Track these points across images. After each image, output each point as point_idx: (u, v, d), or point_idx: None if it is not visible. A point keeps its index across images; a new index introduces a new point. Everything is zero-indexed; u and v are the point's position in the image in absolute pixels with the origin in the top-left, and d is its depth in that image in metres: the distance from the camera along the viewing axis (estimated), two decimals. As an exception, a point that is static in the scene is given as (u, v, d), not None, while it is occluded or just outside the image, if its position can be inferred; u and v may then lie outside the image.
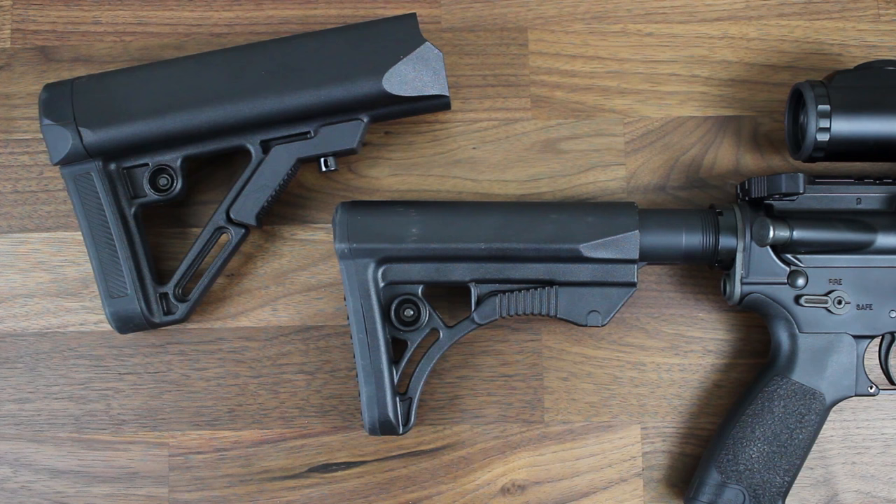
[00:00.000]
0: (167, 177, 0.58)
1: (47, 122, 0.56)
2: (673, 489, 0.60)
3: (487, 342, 0.61)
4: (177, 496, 0.60)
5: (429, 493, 0.60)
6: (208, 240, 0.58)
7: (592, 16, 0.63)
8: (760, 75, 0.62)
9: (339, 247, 0.55)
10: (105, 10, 0.63)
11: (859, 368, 0.56)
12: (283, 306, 0.61)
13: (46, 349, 0.61)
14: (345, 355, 0.61)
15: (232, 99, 0.55)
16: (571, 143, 0.62)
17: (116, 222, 0.57)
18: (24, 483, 0.60)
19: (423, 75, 0.55)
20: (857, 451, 0.60)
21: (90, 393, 0.61)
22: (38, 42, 0.63)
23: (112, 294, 0.57)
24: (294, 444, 0.60)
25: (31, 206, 0.62)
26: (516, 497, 0.60)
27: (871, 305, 0.56)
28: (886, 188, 0.56)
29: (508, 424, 0.60)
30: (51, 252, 0.62)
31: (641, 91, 0.62)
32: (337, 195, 0.62)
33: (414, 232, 0.55)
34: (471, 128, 0.62)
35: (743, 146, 0.62)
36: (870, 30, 0.63)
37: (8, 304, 0.61)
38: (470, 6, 0.63)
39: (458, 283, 0.56)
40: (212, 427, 0.60)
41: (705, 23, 0.63)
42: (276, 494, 0.60)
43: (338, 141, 0.57)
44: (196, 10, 0.63)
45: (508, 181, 0.62)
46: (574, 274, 0.55)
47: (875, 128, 0.53)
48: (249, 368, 0.61)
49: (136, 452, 0.60)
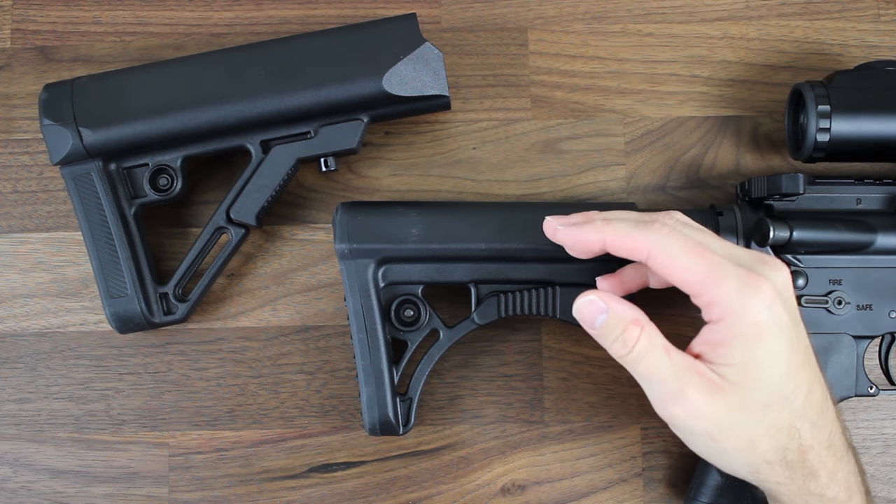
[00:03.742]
0: (167, 177, 0.58)
1: (47, 122, 0.56)
2: (673, 489, 0.60)
3: (487, 342, 0.61)
4: (177, 496, 0.60)
5: (429, 493, 0.60)
6: (208, 240, 0.58)
7: (592, 16, 0.63)
8: (760, 75, 0.62)
9: (339, 247, 0.55)
10: (105, 10, 0.63)
11: (859, 369, 0.56)
12: (283, 306, 0.61)
13: (46, 349, 0.61)
14: (345, 355, 0.61)
15: (232, 99, 0.55)
16: (571, 143, 0.62)
17: (116, 222, 0.57)
18: (24, 483, 0.60)
19: (423, 75, 0.55)
20: (858, 451, 0.60)
21: (90, 393, 0.61)
22: (38, 42, 0.63)
23: (112, 294, 0.57)
24: (294, 444, 0.60)
25: (31, 206, 0.62)
26: (516, 497, 0.60)
27: (871, 306, 0.56)
28: (886, 188, 0.56)
29: (508, 424, 0.60)
30: (51, 252, 0.62)
31: (641, 91, 0.62)
32: (337, 195, 0.62)
33: (414, 232, 0.55)
34: (471, 128, 0.62)
35: (743, 146, 0.62)
36: (870, 30, 0.63)
37: (8, 304, 0.61)
38: (470, 6, 0.63)
39: (459, 283, 0.56)
40: (212, 427, 0.61)
41: (705, 23, 0.63)
42: (276, 494, 0.60)
43: (338, 141, 0.57)
44: (196, 10, 0.63)
45: (508, 181, 0.62)
46: (574, 274, 0.55)
47: (875, 128, 0.53)
48: (249, 368, 0.61)
49: (136, 452, 0.60)
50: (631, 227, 0.47)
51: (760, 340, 0.44)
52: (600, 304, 0.47)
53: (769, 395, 0.45)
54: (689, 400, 0.44)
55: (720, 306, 0.45)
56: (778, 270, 0.46)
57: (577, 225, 0.49)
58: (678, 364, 0.45)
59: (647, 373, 0.46)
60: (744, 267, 0.45)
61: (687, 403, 0.45)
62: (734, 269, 0.44)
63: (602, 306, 0.47)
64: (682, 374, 0.45)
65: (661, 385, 0.46)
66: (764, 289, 0.44)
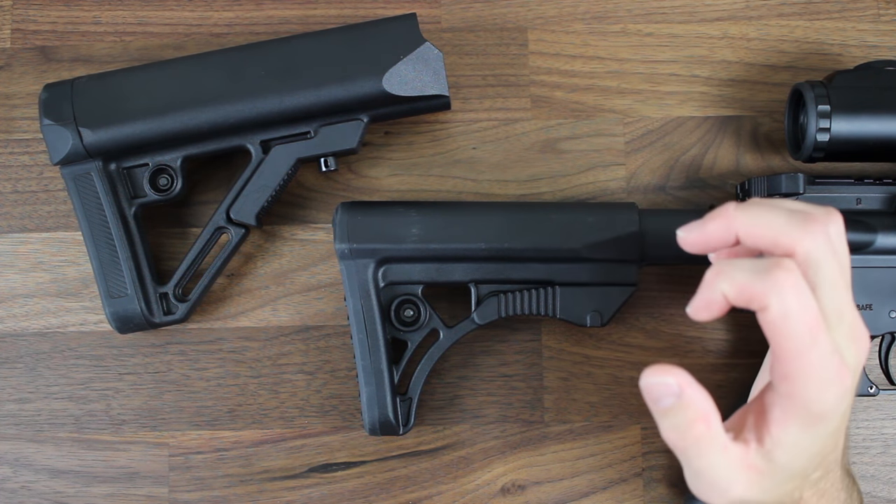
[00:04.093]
0: (167, 177, 0.58)
1: (47, 122, 0.56)
2: (673, 489, 0.60)
3: (487, 342, 0.61)
4: (177, 496, 0.60)
5: (429, 493, 0.60)
6: (208, 240, 0.58)
7: (592, 16, 0.63)
8: (760, 75, 0.62)
9: (339, 247, 0.55)
10: (105, 10, 0.63)
11: (859, 369, 0.55)
12: (283, 306, 0.61)
13: (46, 349, 0.61)
14: (345, 355, 0.61)
15: (232, 99, 0.55)
16: (571, 143, 0.62)
17: (116, 222, 0.57)
18: (24, 483, 0.60)
19: (423, 75, 0.55)
20: (857, 451, 0.60)
21: (90, 393, 0.61)
22: (38, 42, 0.63)
23: (112, 294, 0.57)
24: (294, 444, 0.60)
25: (31, 206, 0.62)
26: (516, 497, 0.60)
27: (871, 306, 0.56)
28: (886, 188, 0.56)
29: (508, 424, 0.60)
30: (51, 252, 0.62)
31: (641, 91, 0.62)
32: (337, 195, 0.62)
33: (414, 232, 0.55)
34: (471, 128, 0.62)
35: (743, 146, 0.62)
36: (870, 30, 0.63)
37: (8, 304, 0.61)
38: (470, 6, 0.63)
39: (459, 283, 0.56)
40: (212, 427, 0.60)
41: (705, 23, 0.63)
42: (276, 494, 0.60)
43: (338, 141, 0.57)
44: (196, 10, 0.63)
45: (508, 181, 0.62)
46: (574, 274, 0.55)
47: (875, 128, 0.53)
48: (249, 368, 0.61)
49: (136, 452, 0.60)
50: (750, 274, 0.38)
51: (816, 427, 0.39)
52: (673, 388, 0.39)
53: (800, 472, 0.41)
54: (733, 495, 0.40)
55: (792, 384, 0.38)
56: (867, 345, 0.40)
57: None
58: (733, 460, 0.40)
59: (698, 467, 0.41)
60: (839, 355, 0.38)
61: (729, 498, 0.40)
62: (829, 357, 0.38)
63: (675, 390, 0.39)
64: (736, 472, 0.40)
65: (709, 477, 0.41)
66: (846, 384, 0.38)
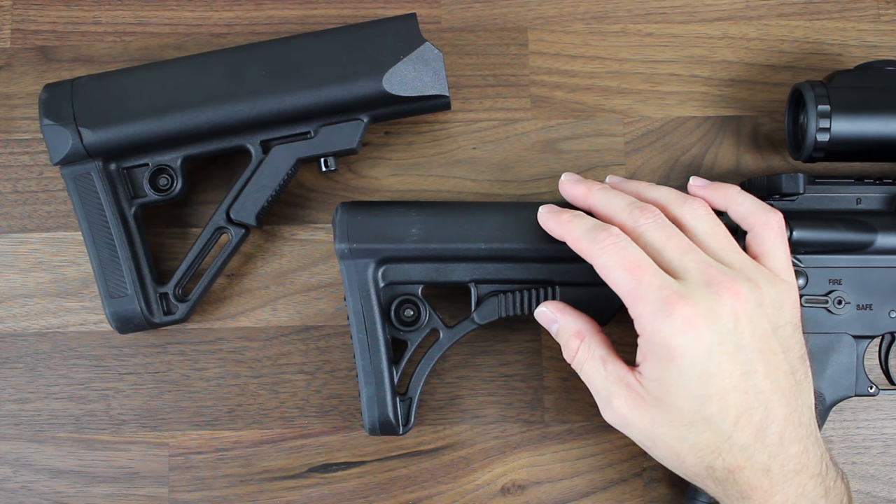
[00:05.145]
0: (167, 177, 0.58)
1: (47, 122, 0.56)
2: (673, 489, 0.60)
3: (487, 342, 0.61)
4: (177, 496, 0.60)
5: (429, 493, 0.60)
6: (208, 240, 0.58)
7: (592, 16, 0.63)
8: (760, 75, 0.62)
9: (339, 247, 0.55)
10: (105, 10, 0.63)
11: (859, 368, 0.56)
12: (283, 306, 0.61)
13: (46, 349, 0.61)
14: (345, 355, 0.61)
15: (232, 99, 0.55)
16: (571, 142, 0.62)
17: (116, 222, 0.57)
18: (24, 483, 0.60)
19: (423, 75, 0.55)
20: (857, 451, 0.60)
21: (90, 393, 0.61)
22: (38, 42, 0.63)
23: (112, 294, 0.57)
24: (294, 444, 0.60)
25: (31, 206, 0.62)
26: (516, 497, 0.60)
27: (871, 305, 0.56)
28: (886, 188, 0.56)
29: (508, 424, 0.60)
30: (51, 252, 0.62)
31: (641, 91, 0.62)
32: (337, 195, 0.62)
33: (414, 232, 0.55)
34: (471, 128, 0.62)
35: (743, 146, 0.62)
36: (870, 30, 0.63)
37: (8, 304, 0.61)
38: (470, 6, 0.63)
39: (459, 283, 0.56)
40: (212, 427, 0.61)
41: (705, 23, 0.63)
42: (276, 494, 0.60)
43: (338, 141, 0.57)
44: (196, 10, 0.63)
45: (508, 181, 0.62)
46: (574, 274, 0.55)
47: (875, 128, 0.53)
48: (249, 368, 0.61)
49: (136, 452, 0.60)
50: (583, 232, 0.49)
51: (672, 362, 0.46)
52: (549, 315, 0.53)
53: (689, 415, 0.46)
54: (616, 409, 0.48)
55: (637, 324, 0.47)
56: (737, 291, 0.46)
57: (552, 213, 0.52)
58: (610, 375, 0.49)
59: (585, 380, 0.50)
60: (670, 289, 0.46)
61: (614, 412, 0.48)
62: (656, 291, 0.46)
63: (552, 317, 0.52)
64: (612, 384, 0.48)
65: (595, 393, 0.50)
66: (679, 312, 0.45)
